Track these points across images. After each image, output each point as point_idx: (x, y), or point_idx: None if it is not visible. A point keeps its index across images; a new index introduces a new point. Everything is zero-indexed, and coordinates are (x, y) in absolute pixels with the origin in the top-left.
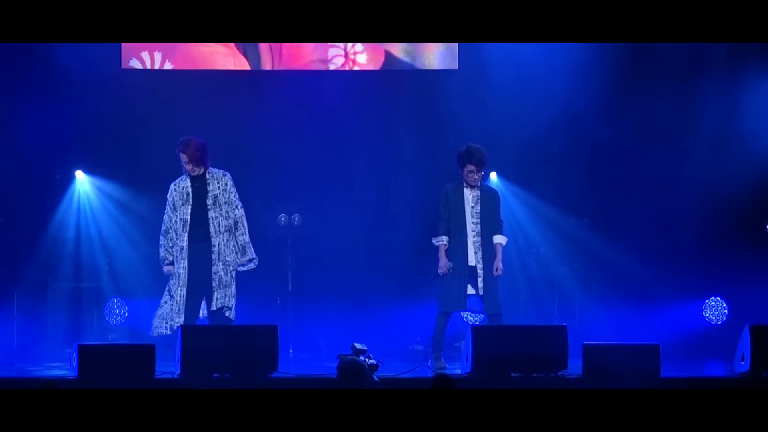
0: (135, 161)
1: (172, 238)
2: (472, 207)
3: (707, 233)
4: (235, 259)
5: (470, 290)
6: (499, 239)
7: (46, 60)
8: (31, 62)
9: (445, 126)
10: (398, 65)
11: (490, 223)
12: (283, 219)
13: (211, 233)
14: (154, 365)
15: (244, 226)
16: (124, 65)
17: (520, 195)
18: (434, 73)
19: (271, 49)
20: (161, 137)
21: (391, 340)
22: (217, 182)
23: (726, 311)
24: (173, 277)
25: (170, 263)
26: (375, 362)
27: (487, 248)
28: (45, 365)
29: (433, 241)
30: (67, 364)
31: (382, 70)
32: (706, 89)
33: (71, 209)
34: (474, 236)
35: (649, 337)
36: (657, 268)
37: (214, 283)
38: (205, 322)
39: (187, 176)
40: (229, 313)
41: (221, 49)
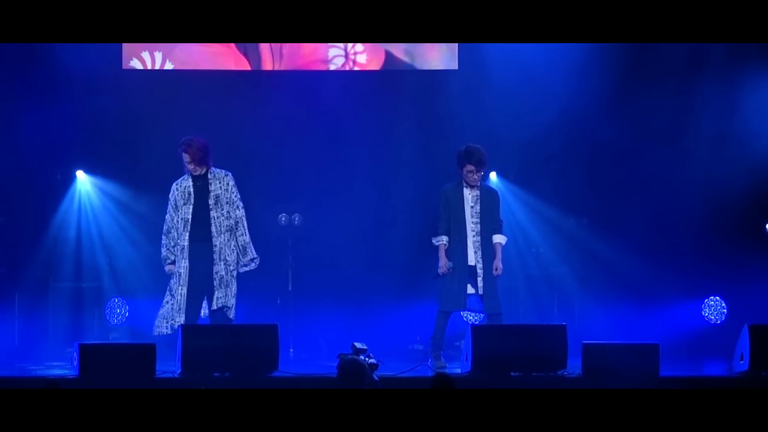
0: (136, 161)
1: (173, 237)
2: (472, 207)
3: (706, 233)
4: (237, 260)
5: (470, 290)
6: (499, 239)
7: (47, 60)
8: (32, 62)
9: (445, 126)
10: (398, 65)
11: (490, 222)
12: (283, 219)
13: (213, 233)
14: (155, 365)
15: (244, 227)
16: (124, 65)
17: (520, 195)
18: (434, 73)
19: (271, 49)
20: (162, 137)
21: (391, 340)
22: (219, 182)
23: (725, 311)
24: (174, 276)
25: (172, 262)
26: (375, 361)
27: (487, 248)
28: (46, 365)
29: (433, 241)
30: (68, 364)
31: (382, 70)
32: (706, 89)
33: (72, 209)
34: (474, 236)
35: (649, 337)
36: (656, 268)
37: (215, 282)
38: (206, 321)
39: (189, 176)
40: (228, 313)
41: (222, 50)
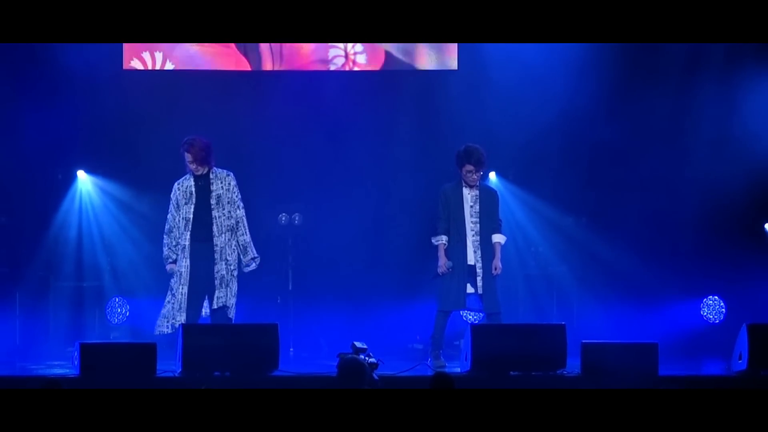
0: (136, 161)
1: (175, 236)
2: (471, 206)
3: (705, 232)
4: (238, 259)
5: (469, 289)
6: (498, 238)
7: (47, 60)
8: (33, 62)
9: (444, 126)
10: (398, 65)
11: (489, 222)
12: (283, 218)
13: (214, 233)
14: (156, 364)
15: (244, 226)
16: (125, 65)
17: (519, 195)
18: (434, 73)
19: (271, 50)
20: (162, 137)
21: (391, 339)
22: (221, 182)
23: (724, 310)
24: (175, 275)
25: (173, 262)
26: (375, 361)
27: (486, 247)
28: (47, 364)
29: (433, 241)
30: (69, 363)
31: (382, 70)
32: (705, 89)
33: (73, 208)
34: (473, 235)
35: (648, 336)
36: (655, 268)
37: (216, 282)
38: (207, 320)
39: (191, 175)
40: (228, 312)
41: (222, 50)
